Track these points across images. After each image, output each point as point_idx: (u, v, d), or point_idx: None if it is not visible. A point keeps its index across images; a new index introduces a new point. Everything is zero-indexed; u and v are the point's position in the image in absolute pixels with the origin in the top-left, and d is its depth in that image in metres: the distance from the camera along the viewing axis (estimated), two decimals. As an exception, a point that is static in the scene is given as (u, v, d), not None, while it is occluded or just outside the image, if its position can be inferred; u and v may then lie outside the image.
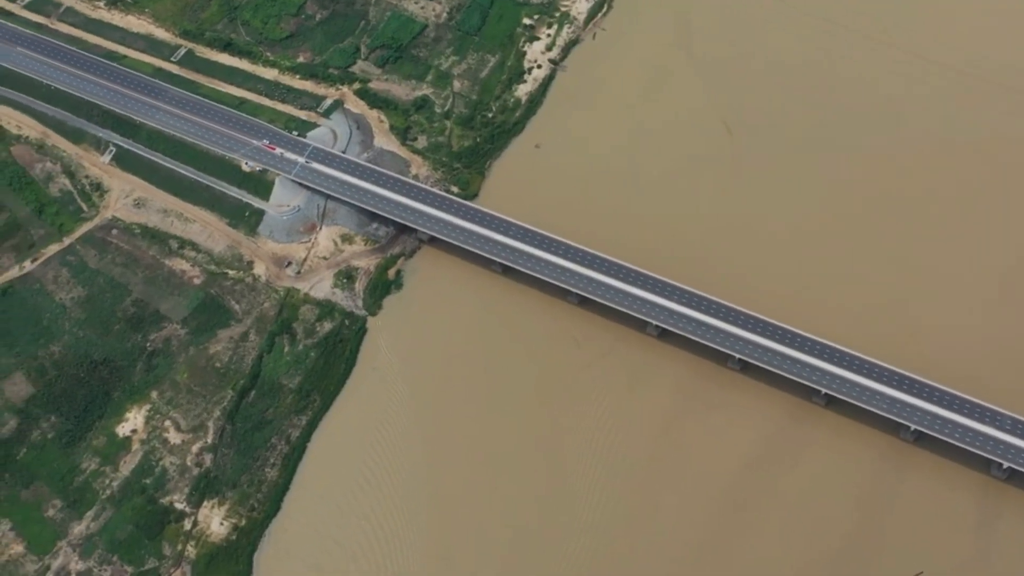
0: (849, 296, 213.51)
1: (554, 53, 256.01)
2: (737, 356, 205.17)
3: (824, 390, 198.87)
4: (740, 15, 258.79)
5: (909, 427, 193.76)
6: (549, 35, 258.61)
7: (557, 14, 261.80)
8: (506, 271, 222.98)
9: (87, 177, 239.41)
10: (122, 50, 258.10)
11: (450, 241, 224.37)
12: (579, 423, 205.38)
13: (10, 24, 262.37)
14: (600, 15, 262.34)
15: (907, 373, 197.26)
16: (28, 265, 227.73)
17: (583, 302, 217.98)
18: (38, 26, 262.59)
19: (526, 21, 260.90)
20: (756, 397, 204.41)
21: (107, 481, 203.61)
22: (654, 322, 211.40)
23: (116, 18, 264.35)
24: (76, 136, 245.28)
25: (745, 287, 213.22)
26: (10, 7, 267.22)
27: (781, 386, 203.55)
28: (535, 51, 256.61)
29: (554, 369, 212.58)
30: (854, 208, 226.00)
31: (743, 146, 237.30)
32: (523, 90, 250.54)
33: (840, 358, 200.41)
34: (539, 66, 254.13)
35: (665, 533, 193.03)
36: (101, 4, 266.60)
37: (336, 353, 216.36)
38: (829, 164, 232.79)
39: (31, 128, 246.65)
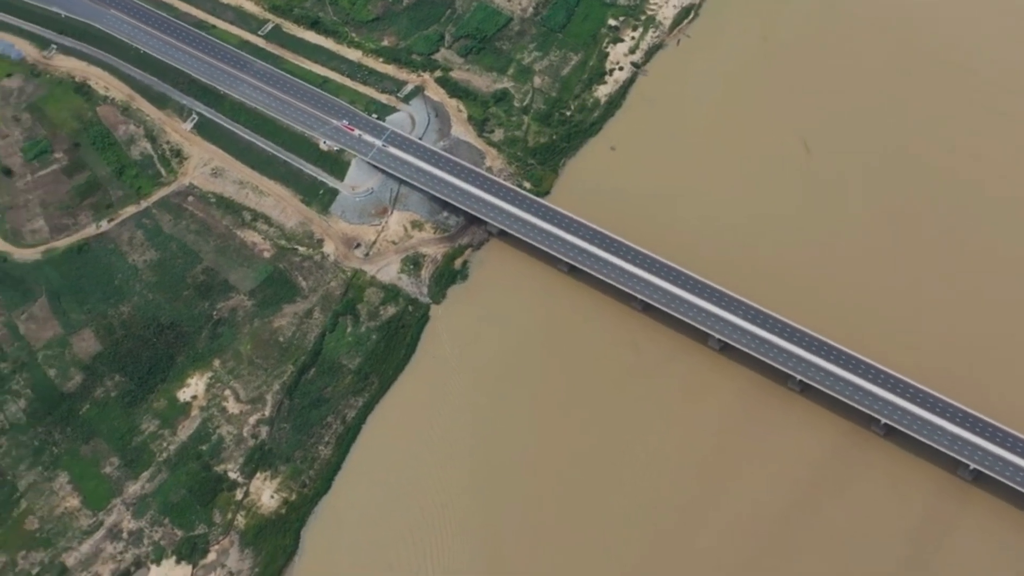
0: (918, 327, 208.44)
1: (637, 56, 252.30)
2: (798, 377, 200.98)
3: (884, 420, 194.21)
4: (828, 35, 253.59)
5: (968, 466, 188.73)
6: (633, 38, 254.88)
7: (643, 17, 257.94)
8: (572, 271, 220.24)
9: (168, 143, 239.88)
10: (211, 20, 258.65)
11: (519, 236, 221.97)
12: (630, 429, 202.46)
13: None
14: (686, 22, 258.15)
15: (971, 411, 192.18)
16: (105, 225, 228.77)
17: (646, 308, 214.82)
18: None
19: (611, 22, 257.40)
20: (814, 421, 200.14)
21: (164, 444, 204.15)
22: (716, 335, 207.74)
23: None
24: (161, 101, 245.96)
25: (811, 307, 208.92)
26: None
27: (840, 412, 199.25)
28: (618, 53, 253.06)
29: (611, 373, 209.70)
30: (928, 237, 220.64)
31: (820, 166, 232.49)
32: (603, 91, 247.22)
33: (904, 389, 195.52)
34: (620, 68, 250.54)
35: (709, 550, 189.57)
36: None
37: (397, 338, 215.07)
38: (905, 191, 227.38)
39: (118, 90, 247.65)
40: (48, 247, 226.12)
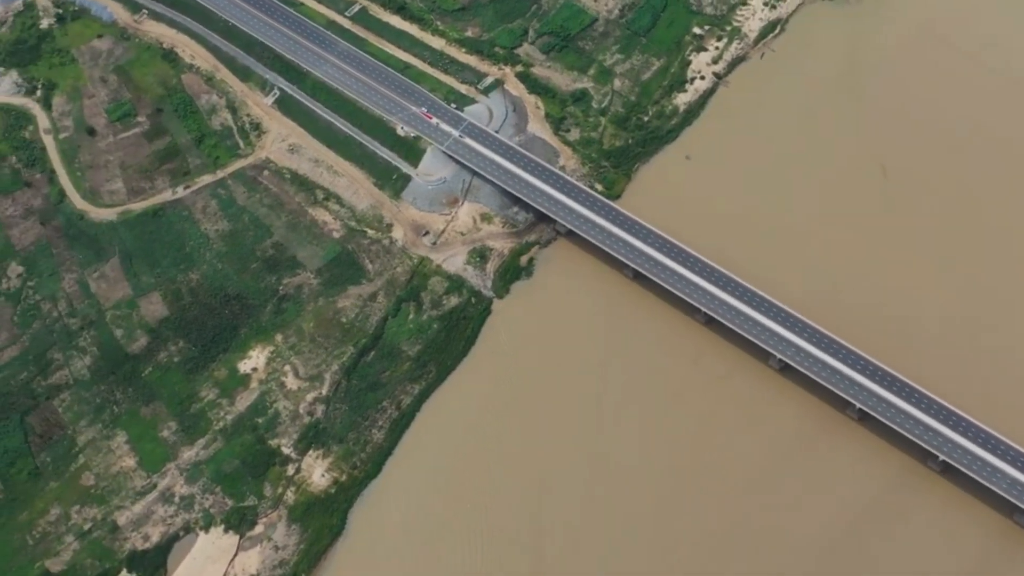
0: (988, 362, 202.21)
1: (719, 67, 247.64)
2: (857, 405, 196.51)
3: (942, 456, 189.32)
4: (916, 61, 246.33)
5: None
6: (717, 48, 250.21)
7: (728, 28, 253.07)
8: (637, 277, 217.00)
9: (248, 116, 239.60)
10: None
11: (586, 237, 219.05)
12: (682, 443, 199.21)
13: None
14: (772, 36, 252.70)
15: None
16: (180, 191, 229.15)
17: (709, 322, 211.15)
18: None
19: (696, 30, 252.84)
20: (870, 452, 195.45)
21: (222, 413, 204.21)
22: (777, 355, 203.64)
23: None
24: (244, 74, 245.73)
25: (877, 335, 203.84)
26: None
27: (898, 444, 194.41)
28: (700, 61, 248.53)
29: (668, 384, 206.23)
30: (1007, 273, 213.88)
31: (897, 191, 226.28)
32: (682, 99, 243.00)
33: (966, 428, 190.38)
34: (702, 77, 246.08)
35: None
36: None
37: (458, 329, 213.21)
38: (981, 227, 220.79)
39: (204, 60, 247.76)
40: (124, 209, 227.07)
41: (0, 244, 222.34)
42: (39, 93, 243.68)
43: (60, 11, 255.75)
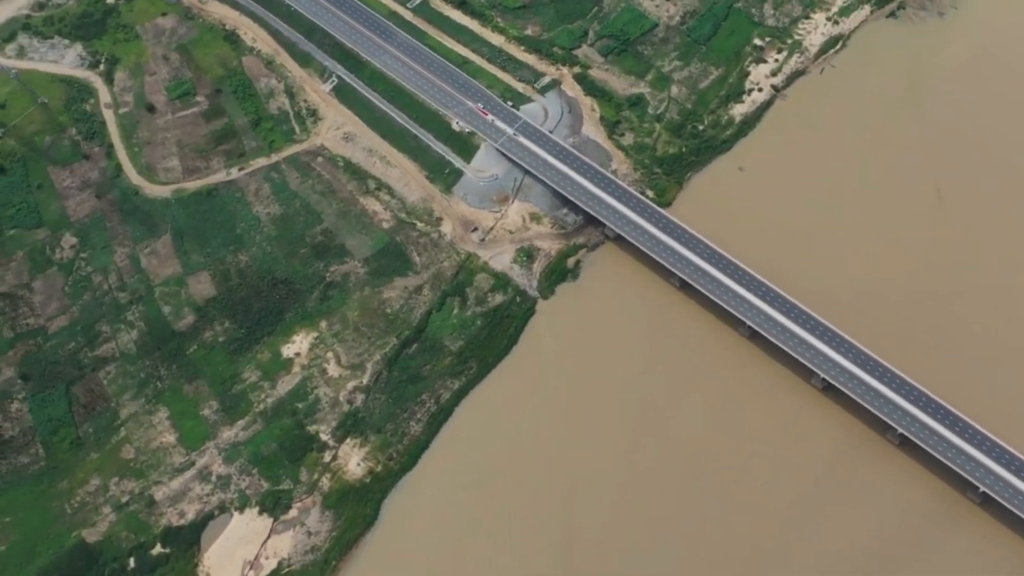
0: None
1: (778, 79, 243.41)
2: (899, 430, 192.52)
3: (983, 487, 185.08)
4: (977, 85, 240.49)
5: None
6: (777, 60, 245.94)
7: (789, 41, 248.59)
8: (683, 286, 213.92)
9: (305, 101, 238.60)
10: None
11: (635, 243, 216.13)
12: (720, 457, 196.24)
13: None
14: (832, 51, 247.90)
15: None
16: (235, 173, 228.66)
17: (753, 336, 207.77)
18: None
19: (756, 41, 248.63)
20: (908, 478, 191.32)
21: (263, 396, 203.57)
22: (821, 374, 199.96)
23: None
24: (304, 60, 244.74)
25: (925, 360, 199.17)
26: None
27: (938, 472, 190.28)
28: (759, 73, 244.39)
29: (708, 396, 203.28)
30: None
31: (952, 216, 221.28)
32: (739, 110, 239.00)
33: (1009, 460, 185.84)
34: (760, 89, 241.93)
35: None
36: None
37: (501, 327, 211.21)
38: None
39: (265, 43, 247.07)
40: (178, 187, 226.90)
41: (56, 215, 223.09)
42: (102, 67, 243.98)
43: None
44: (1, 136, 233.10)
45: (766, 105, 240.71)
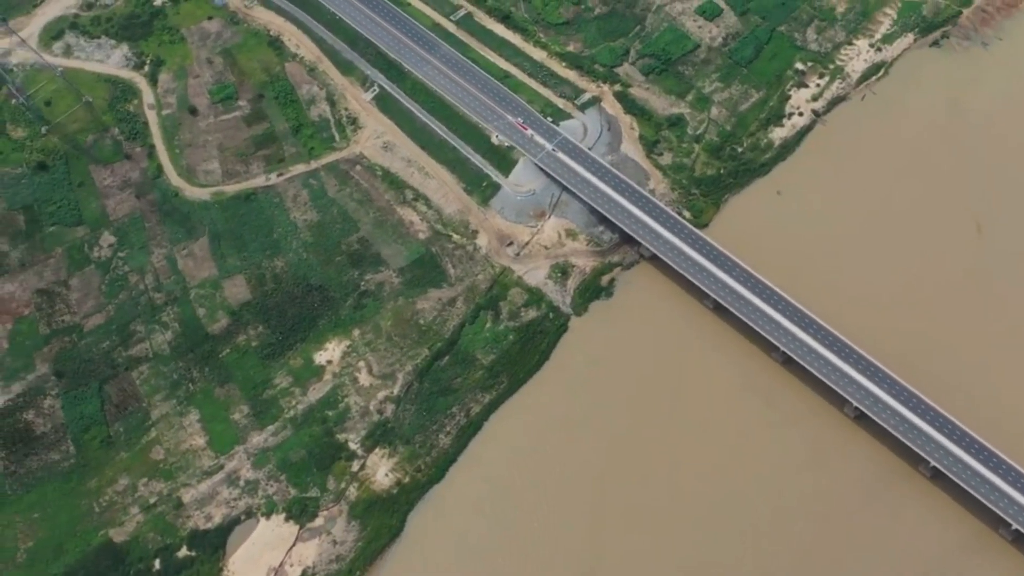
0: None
1: (819, 104, 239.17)
2: (931, 463, 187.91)
3: (1015, 525, 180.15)
4: (1018, 116, 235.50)
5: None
6: (818, 85, 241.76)
7: (831, 66, 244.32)
8: (717, 308, 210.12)
9: (346, 110, 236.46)
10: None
11: (670, 263, 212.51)
12: (747, 480, 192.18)
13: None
14: (875, 78, 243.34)
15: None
16: (274, 178, 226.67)
17: (787, 361, 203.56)
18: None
19: (798, 66, 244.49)
20: (940, 512, 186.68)
21: (293, 402, 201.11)
22: (854, 402, 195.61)
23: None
24: (346, 68, 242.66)
25: (960, 393, 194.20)
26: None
27: (970, 507, 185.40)
28: (800, 97, 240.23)
29: (739, 420, 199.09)
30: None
31: (991, 249, 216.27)
32: (778, 133, 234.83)
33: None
34: (800, 113, 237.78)
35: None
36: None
37: (533, 342, 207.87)
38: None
39: (308, 50, 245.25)
40: (218, 190, 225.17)
41: (96, 213, 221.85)
42: (147, 68, 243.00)
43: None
44: (45, 133, 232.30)
45: (806, 130, 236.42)
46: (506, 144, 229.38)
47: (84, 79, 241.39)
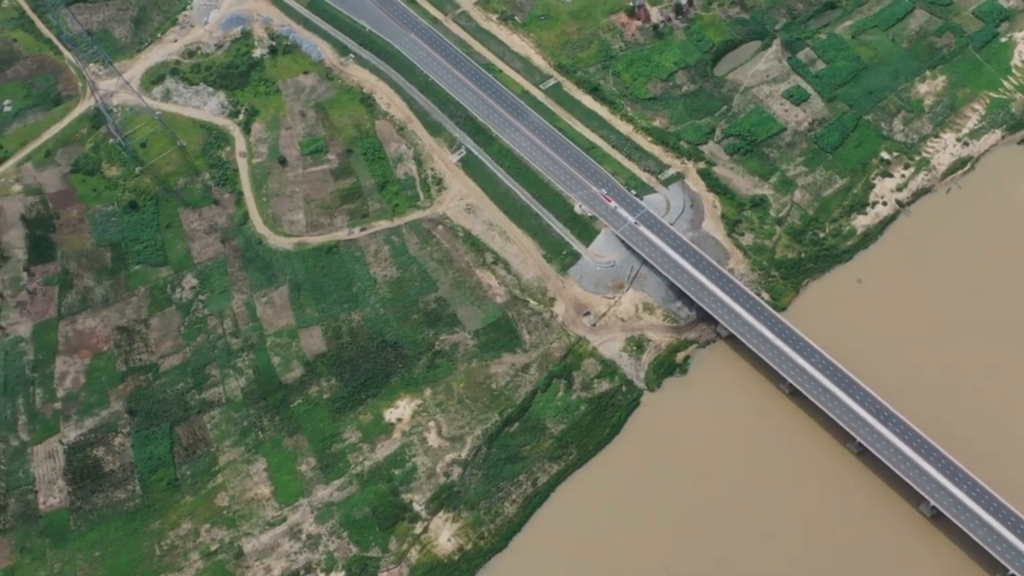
0: None
1: (903, 195, 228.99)
2: (1011, 571, 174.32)
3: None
4: None
5: None
6: (903, 175, 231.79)
7: (917, 157, 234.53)
8: (793, 393, 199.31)
9: (432, 170, 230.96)
10: (499, 64, 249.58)
11: (747, 344, 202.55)
12: (812, 573, 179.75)
13: (411, 12, 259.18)
14: (961, 172, 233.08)
15: None
16: (357, 232, 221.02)
17: (862, 452, 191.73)
18: (434, 20, 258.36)
19: (884, 155, 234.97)
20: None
21: (361, 458, 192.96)
22: (931, 501, 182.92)
23: (503, 34, 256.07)
24: (434, 129, 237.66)
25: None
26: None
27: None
28: (884, 187, 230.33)
29: (809, 511, 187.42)
30: None
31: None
32: (861, 221, 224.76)
33: None
34: (884, 203, 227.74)
35: None
36: (494, 18, 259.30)
37: (605, 415, 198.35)
38: None
39: (398, 109, 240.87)
40: (301, 240, 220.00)
41: (181, 254, 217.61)
42: (241, 117, 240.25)
43: (274, 43, 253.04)
44: (138, 173, 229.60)
45: (889, 219, 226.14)
46: (588, 214, 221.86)
47: (180, 124, 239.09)
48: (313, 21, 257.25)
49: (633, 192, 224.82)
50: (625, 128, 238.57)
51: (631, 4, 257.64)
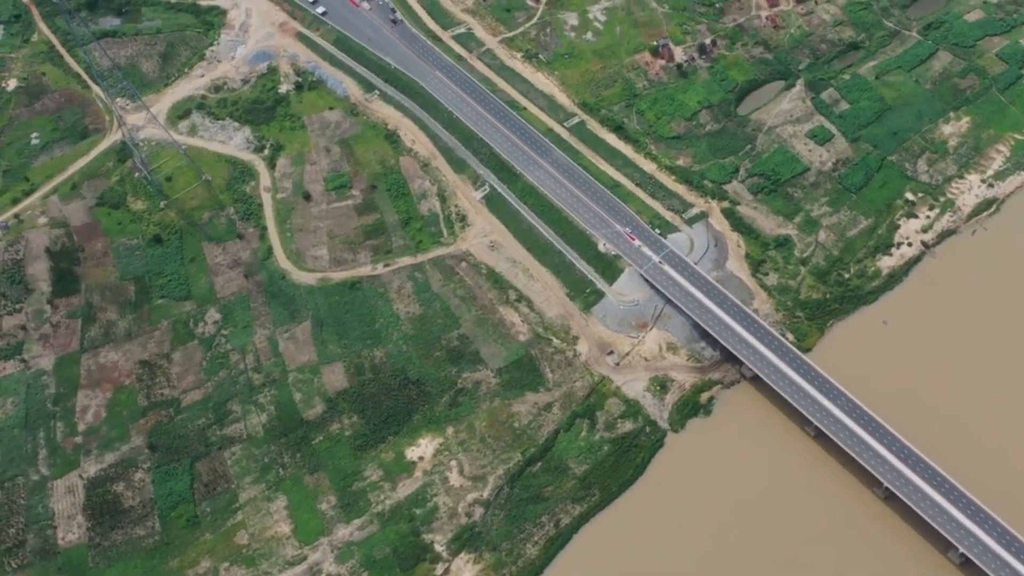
0: None
1: (928, 236, 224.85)
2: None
3: None
4: None
5: None
6: (928, 217, 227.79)
7: (942, 199, 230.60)
8: (818, 436, 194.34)
9: (456, 207, 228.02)
10: (523, 102, 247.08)
11: (772, 385, 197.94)
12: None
13: (437, 49, 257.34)
14: (986, 213, 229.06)
15: None
16: (380, 268, 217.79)
17: (889, 497, 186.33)
18: (459, 58, 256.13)
19: (908, 196, 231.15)
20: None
21: (382, 497, 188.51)
22: (960, 548, 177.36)
23: (527, 71, 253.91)
24: (459, 166, 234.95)
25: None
26: (441, 34, 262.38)
27: None
28: (909, 228, 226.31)
29: (834, 554, 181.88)
30: None
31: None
32: (886, 262, 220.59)
33: None
34: (909, 244, 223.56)
35: None
36: (519, 56, 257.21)
37: (628, 456, 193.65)
38: None
39: (423, 146, 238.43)
40: (324, 275, 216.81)
41: (204, 289, 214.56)
42: (266, 152, 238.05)
43: (299, 79, 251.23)
44: (163, 207, 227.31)
45: (914, 260, 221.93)
46: (612, 253, 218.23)
47: (205, 158, 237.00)
48: (339, 57, 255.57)
49: (657, 231, 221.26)
50: (649, 166, 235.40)
51: (655, 43, 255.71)
